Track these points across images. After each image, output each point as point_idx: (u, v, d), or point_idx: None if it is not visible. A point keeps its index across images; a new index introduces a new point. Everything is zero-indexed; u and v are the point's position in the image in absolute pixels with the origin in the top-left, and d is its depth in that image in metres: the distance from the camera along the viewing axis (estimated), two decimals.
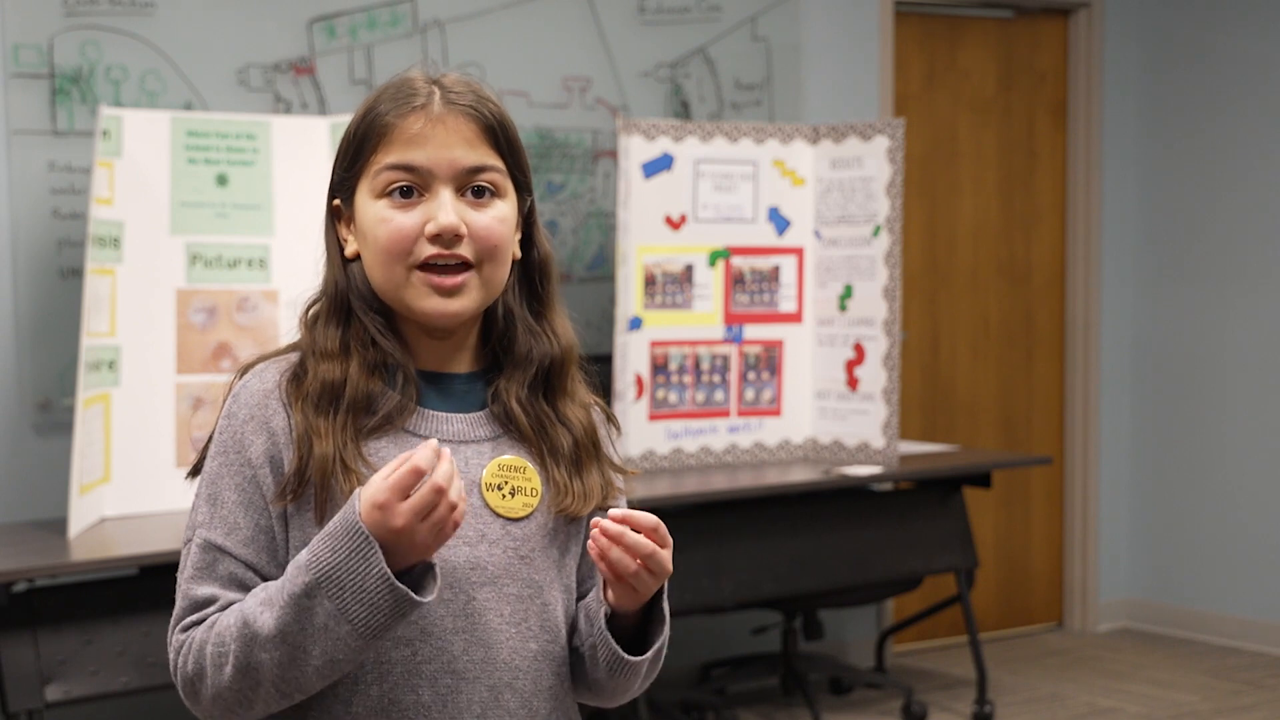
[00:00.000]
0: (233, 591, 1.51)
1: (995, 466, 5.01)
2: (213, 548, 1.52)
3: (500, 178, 1.56)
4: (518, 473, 1.57)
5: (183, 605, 1.52)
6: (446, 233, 1.51)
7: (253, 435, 1.53)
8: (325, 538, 1.42)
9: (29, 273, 4.07)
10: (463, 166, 1.53)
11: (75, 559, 3.44)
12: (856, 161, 4.75)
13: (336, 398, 1.53)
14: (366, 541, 1.40)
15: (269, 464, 1.52)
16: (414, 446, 1.53)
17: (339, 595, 1.41)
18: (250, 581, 1.51)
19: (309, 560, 1.42)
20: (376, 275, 1.55)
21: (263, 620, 1.43)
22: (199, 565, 1.52)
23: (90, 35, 4.13)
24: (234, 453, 1.53)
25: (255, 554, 1.51)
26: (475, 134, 1.54)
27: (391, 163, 1.53)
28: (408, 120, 1.53)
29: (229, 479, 1.53)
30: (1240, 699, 5.14)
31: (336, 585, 1.41)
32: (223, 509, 1.52)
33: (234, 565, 1.51)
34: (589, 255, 4.91)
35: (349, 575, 1.41)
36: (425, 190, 1.53)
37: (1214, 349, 5.86)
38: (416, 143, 1.53)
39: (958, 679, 5.33)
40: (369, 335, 1.55)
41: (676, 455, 4.67)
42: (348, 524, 1.41)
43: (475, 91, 1.57)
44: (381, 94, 1.57)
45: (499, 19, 4.73)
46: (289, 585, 1.43)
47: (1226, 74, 5.79)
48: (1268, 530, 5.70)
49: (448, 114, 1.54)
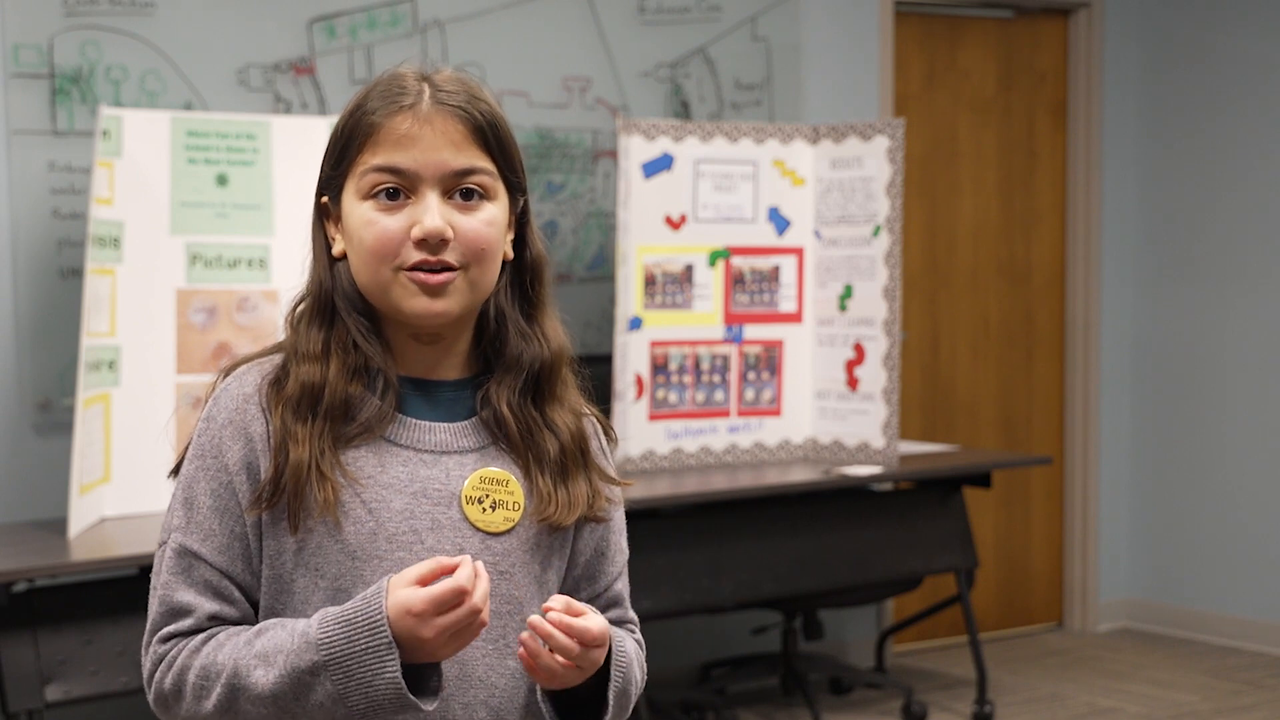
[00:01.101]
0: (209, 599, 1.49)
1: (995, 466, 5.01)
2: (188, 553, 1.50)
3: (489, 180, 1.52)
4: (500, 486, 1.54)
5: (160, 611, 1.51)
6: (431, 237, 1.49)
7: (230, 441, 1.51)
8: (343, 623, 1.42)
9: (29, 273, 4.07)
10: (450, 169, 1.50)
11: (75, 559, 3.44)
12: (856, 161, 4.75)
13: (315, 402, 1.50)
14: (389, 648, 1.40)
15: (245, 470, 1.50)
16: (395, 456, 1.52)
17: (344, 682, 1.41)
18: (225, 589, 1.50)
19: (320, 639, 1.42)
20: (362, 276, 1.53)
21: (256, 676, 1.43)
22: (174, 570, 1.51)
23: (90, 35, 4.13)
24: (211, 457, 1.52)
25: (230, 561, 1.50)
26: (464, 135, 1.51)
27: (378, 164, 1.50)
28: (395, 120, 1.50)
29: (205, 484, 1.52)
30: (1240, 699, 5.14)
31: (344, 673, 1.41)
32: (198, 514, 1.51)
33: (209, 572, 1.50)
34: (589, 255, 4.91)
35: (359, 669, 1.41)
36: (412, 192, 1.50)
37: (1214, 349, 5.86)
38: (403, 145, 1.49)
39: (958, 679, 5.33)
40: (352, 338, 1.53)
41: (676, 455, 4.67)
42: (371, 620, 1.41)
43: (467, 90, 1.53)
44: (371, 90, 1.54)
45: (499, 19, 4.73)
46: (293, 658, 1.42)
47: (1226, 74, 5.79)
48: (1268, 530, 5.70)
49: (436, 114, 1.50)
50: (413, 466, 1.52)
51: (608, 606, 1.65)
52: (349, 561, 1.49)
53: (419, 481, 1.52)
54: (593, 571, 1.64)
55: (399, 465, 1.52)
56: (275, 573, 1.50)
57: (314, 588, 1.49)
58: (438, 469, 1.53)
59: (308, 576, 1.49)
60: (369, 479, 1.51)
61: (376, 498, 1.50)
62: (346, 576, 1.48)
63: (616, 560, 1.66)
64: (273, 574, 1.51)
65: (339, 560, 1.49)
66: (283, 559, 1.50)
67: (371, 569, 1.49)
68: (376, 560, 1.49)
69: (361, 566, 1.49)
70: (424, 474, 1.52)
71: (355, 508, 1.49)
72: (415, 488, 1.52)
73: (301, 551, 1.49)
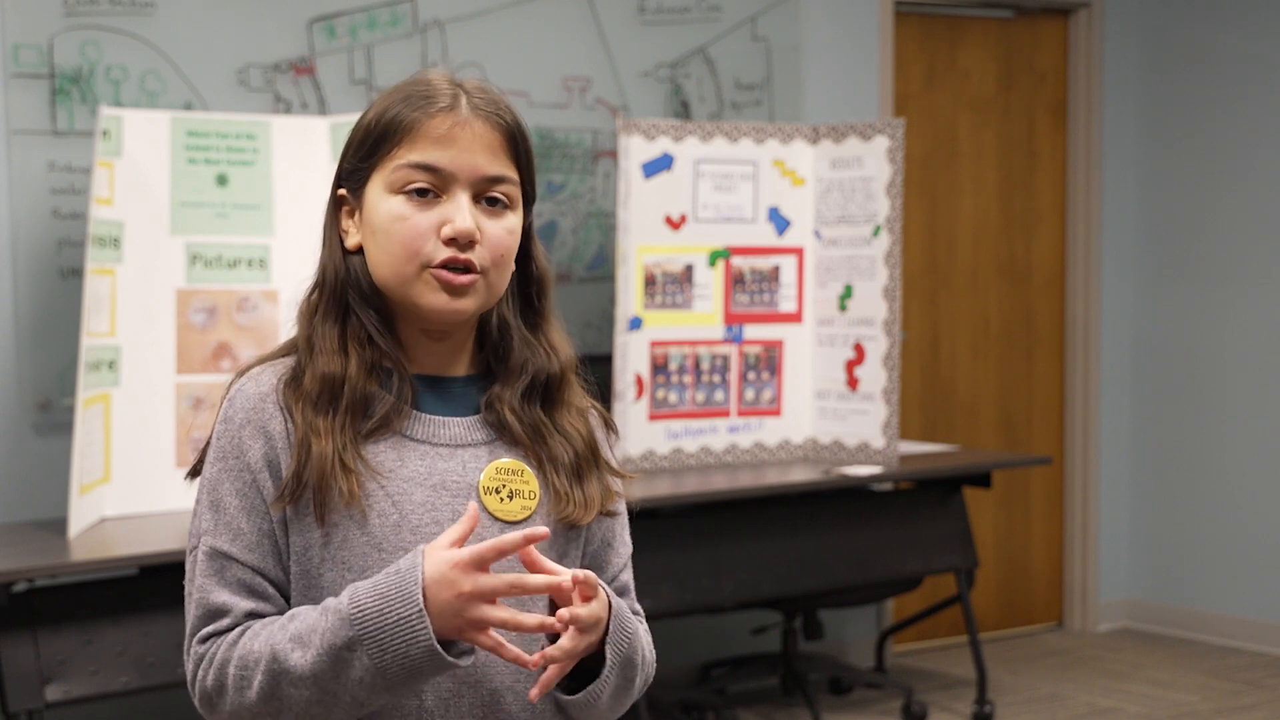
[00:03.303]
0: (244, 598, 1.51)
1: (995, 466, 5.01)
2: (219, 555, 1.52)
3: (514, 190, 1.56)
4: (515, 475, 1.58)
5: (197, 615, 1.52)
6: (463, 237, 1.51)
7: (250, 440, 1.53)
8: (375, 596, 1.43)
9: (29, 273, 4.07)
10: (484, 174, 1.53)
11: (75, 559, 3.44)
12: (856, 161, 4.75)
13: (335, 396, 1.53)
14: (419, 615, 1.41)
15: (268, 468, 1.52)
16: (413, 450, 1.55)
17: (380, 655, 1.42)
18: (259, 587, 1.52)
19: (352, 614, 1.43)
20: (384, 270, 1.54)
21: (294, 659, 1.44)
22: (208, 573, 1.52)
23: (90, 35, 4.13)
24: (232, 458, 1.53)
25: (261, 559, 1.52)
26: (499, 143, 1.55)
27: (414, 161, 1.52)
28: (435, 120, 1.53)
29: (229, 484, 1.53)
30: (1240, 699, 5.14)
31: (379, 646, 1.42)
32: (225, 515, 1.52)
33: (241, 571, 1.51)
34: (589, 255, 4.91)
35: (393, 639, 1.42)
36: (443, 192, 1.53)
37: (1214, 349, 5.86)
38: (441, 144, 1.52)
39: (958, 679, 5.33)
40: (366, 333, 1.55)
41: (676, 455, 4.67)
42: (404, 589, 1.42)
43: (496, 100, 1.57)
44: (403, 90, 1.56)
45: (499, 19, 4.73)
46: (328, 636, 1.44)
47: (1226, 74, 5.79)
48: (1268, 530, 5.70)
49: (474, 119, 1.54)
50: (430, 460, 1.55)
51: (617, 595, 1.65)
52: (375, 553, 1.51)
53: (438, 474, 1.55)
54: (599, 562, 1.66)
55: (417, 459, 1.55)
56: (303, 568, 1.53)
57: (341, 580, 1.51)
58: (454, 462, 1.56)
59: (335, 570, 1.51)
60: (390, 473, 1.53)
61: (399, 490, 1.53)
62: (373, 569, 1.51)
63: (621, 552, 1.68)
64: (300, 569, 1.53)
65: (365, 552, 1.51)
66: (309, 554, 1.52)
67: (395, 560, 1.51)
68: (401, 552, 1.51)
69: (388, 558, 1.51)
70: (441, 467, 1.55)
71: (379, 499, 1.52)
72: (434, 480, 1.55)
73: (328, 545, 1.51)
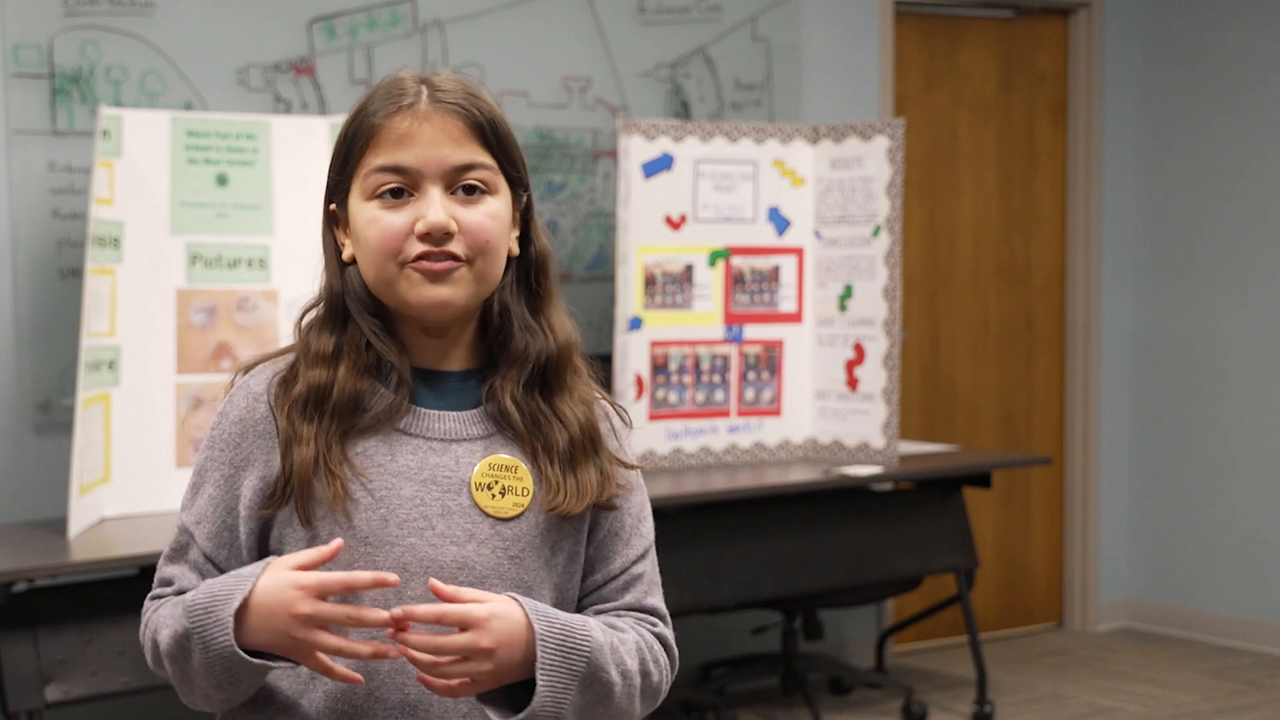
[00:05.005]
0: (193, 577, 1.57)
1: (995, 466, 5.01)
2: (186, 533, 1.59)
3: (490, 175, 1.56)
4: (509, 472, 1.57)
5: (156, 579, 1.61)
6: (435, 231, 1.52)
7: (239, 437, 1.57)
8: (208, 594, 1.48)
9: (29, 273, 4.07)
10: (451, 165, 1.54)
11: (75, 559, 3.44)
12: (856, 161, 4.75)
13: (321, 402, 1.55)
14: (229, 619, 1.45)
15: (250, 467, 1.56)
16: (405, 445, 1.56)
17: (204, 650, 1.47)
18: (208, 572, 1.57)
19: (189, 607, 1.48)
20: (370, 274, 1.56)
21: (163, 636, 1.52)
22: (174, 546, 1.60)
23: (90, 35, 4.13)
24: (220, 450, 1.58)
25: (215, 549, 1.57)
26: (463, 132, 1.55)
27: (380, 164, 1.54)
28: (394, 120, 1.54)
29: (211, 473, 1.58)
30: (1240, 699, 5.14)
31: (203, 641, 1.47)
32: (199, 499, 1.59)
33: (196, 554, 1.58)
34: (589, 255, 4.91)
35: (213, 638, 1.46)
36: (415, 190, 1.54)
37: (1214, 349, 5.86)
38: (404, 143, 1.53)
39: (958, 679, 5.33)
40: (364, 339, 1.56)
41: (676, 455, 4.67)
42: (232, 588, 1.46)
43: (465, 89, 1.57)
44: (372, 95, 1.58)
45: (499, 19, 4.73)
46: (176, 622, 1.50)
47: (1226, 74, 5.79)
48: (1268, 530, 5.70)
49: (434, 112, 1.54)
50: (422, 455, 1.56)
51: (625, 588, 1.65)
52: (361, 548, 1.52)
53: (429, 469, 1.55)
54: (606, 552, 1.64)
55: (409, 454, 1.56)
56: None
57: None
58: (447, 456, 1.56)
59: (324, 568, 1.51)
60: (379, 468, 1.54)
61: (385, 486, 1.54)
62: (359, 563, 1.52)
63: (633, 543, 1.66)
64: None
65: (351, 547, 1.52)
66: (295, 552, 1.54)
67: (384, 554, 1.52)
68: (388, 546, 1.52)
69: (374, 552, 1.52)
70: (433, 461, 1.56)
71: (363, 498, 1.53)
72: (425, 475, 1.55)
73: (314, 543, 1.53)
